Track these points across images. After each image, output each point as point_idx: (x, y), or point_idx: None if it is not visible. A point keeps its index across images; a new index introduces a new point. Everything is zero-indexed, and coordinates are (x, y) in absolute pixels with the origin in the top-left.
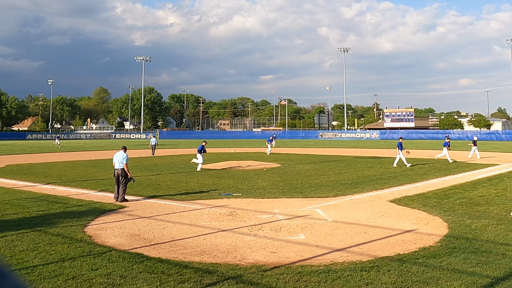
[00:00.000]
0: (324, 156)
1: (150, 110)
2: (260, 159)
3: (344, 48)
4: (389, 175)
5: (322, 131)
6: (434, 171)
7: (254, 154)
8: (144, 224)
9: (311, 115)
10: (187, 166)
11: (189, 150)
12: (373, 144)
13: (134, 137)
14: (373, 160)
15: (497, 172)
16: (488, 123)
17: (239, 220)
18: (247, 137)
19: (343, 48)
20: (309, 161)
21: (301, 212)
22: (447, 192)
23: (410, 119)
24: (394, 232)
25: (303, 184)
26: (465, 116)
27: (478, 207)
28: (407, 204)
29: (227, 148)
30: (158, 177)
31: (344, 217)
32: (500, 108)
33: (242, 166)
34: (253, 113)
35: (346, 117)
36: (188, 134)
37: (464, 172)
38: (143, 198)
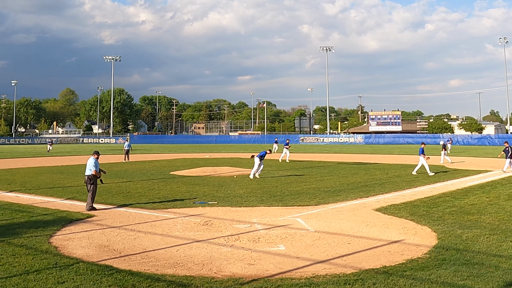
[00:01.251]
0: (305, 162)
1: (120, 113)
2: (237, 165)
3: (327, 47)
4: (375, 182)
5: (303, 135)
6: (422, 178)
7: (231, 159)
8: (114, 234)
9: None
10: (160, 172)
11: (162, 155)
12: (357, 149)
13: (103, 142)
14: (358, 166)
15: (490, 179)
16: (480, 126)
17: (215, 230)
18: (223, 142)
19: (326, 47)
20: (289, 167)
21: (281, 222)
22: (436, 200)
23: (397, 123)
24: (380, 243)
25: (282, 192)
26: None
27: (469, 216)
28: (393, 213)
29: (202, 153)
30: (129, 184)
31: (326, 227)
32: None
33: (218, 173)
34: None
35: (328, 120)
36: (161, 139)
37: (454, 179)
38: (113, 206)
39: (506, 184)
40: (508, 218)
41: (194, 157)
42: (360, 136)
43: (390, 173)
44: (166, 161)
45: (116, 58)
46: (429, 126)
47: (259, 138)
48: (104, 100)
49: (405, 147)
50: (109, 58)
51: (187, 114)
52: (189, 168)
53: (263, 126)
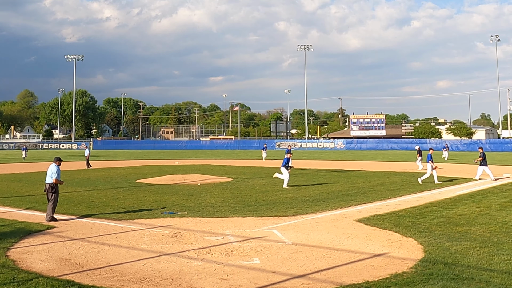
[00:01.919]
0: None
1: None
2: (208, 173)
3: (305, 46)
4: (356, 191)
5: (280, 140)
6: (407, 187)
7: (202, 167)
8: (76, 247)
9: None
10: (125, 180)
11: (127, 162)
12: (338, 155)
13: (64, 148)
14: (338, 174)
15: (480, 188)
16: (469, 131)
17: (185, 243)
18: (194, 148)
19: (304, 45)
20: (265, 175)
21: (256, 233)
22: (423, 210)
23: (380, 127)
24: (362, 256)
25: (257, 201)
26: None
27: (458, 227)
28: (377, 224)
29: (170, 160)
30: (92, 193)
31: (304, 239)
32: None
33: (188, 181)
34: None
35: (307, 124)
36: (126, 144)
37: (442, 187)
38: (75, 217)
39: (498, 193)
40: (499, 230)
41: (162, 164)
42: (341, 142)
43: (373, 181)
44: (132, 168)
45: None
46: (415, 130)
47: (232, 144)
48: (66, 103)
49: (389, 153)
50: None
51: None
52: (157, 175)
53: (237, 130)
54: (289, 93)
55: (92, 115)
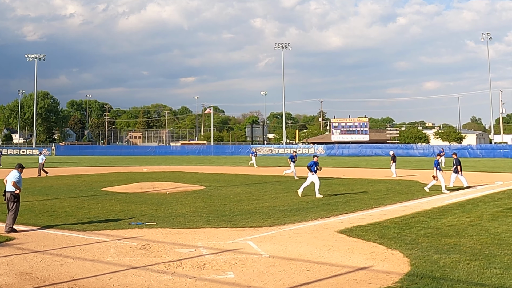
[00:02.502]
0: (258, 176)
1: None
2: (179, 180)
3: (283, 44)
4: (338, 200)
5: (256, 146)
6: (393, 195)
7: (172, 174)
8: (37, 260)
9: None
10: (90, 188)
11: (92, 169)
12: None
13: (25, 153)
14: None
15: (470, 196)
16: (459, 136)
17: (154, 255)
18: (164, 153)
19: (282, 43)
20: (240, 183)
21: (230, 245)
22: (409, 220)
23: (363, 131)
24: (344, 270)
25: (232, 211)
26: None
27: (447, 239)
28: (360, 236)
29: (138, 166)
30: (55, 202)
31: (282, 251)
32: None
33: (157, 189)
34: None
35: (285, 128)
36: (91, 150)
37: (429, 196)
38: (36, 228)
39: (489, 202)
40: (491, 241)
41: (130, 170)
42: (321, 147)
43: (356, 189)
44: (98, 176)
45: (40, 56)
46: (401, 135)
47: (205, 149)
48: (26, 106)
49: (373, 160)
50: (31, 56)
51: (121, 121)
52: (124, 183)
53: (209, 135)
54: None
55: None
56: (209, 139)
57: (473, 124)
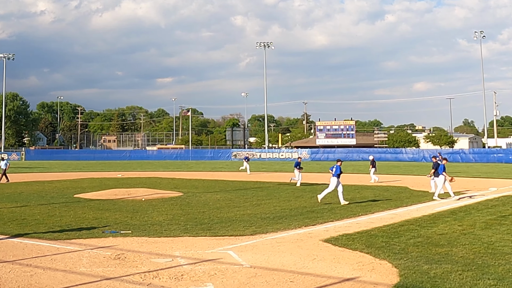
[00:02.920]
0: (239, 182)
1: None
2: (155, 186)
3: (265, 43)
4: (323, 207)
5: (237, 150)
6: (380, 202)
7: (148, 180)
8: (6, 270)
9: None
10: (62, 195)
11: (64, 174)
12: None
13: None
14: (303, 188)
15: (463, 203)
16: (451, 139)
17: (129, 265)
18: (139, 158)
19: (264, 42)
20: (219, 189)
21: (209, 255)
22: (398, 229)
23: (350, 135)
24: (330, 281)
25: (211, 219)
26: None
27: (438, 248)
28: (346, 245)
29: (113, 172)
30: (24, 210)
31: (264, 262)
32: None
33: (132, 195)
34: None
35: (267, 131)
36: (63, 154)
37: (419, 203)
38: (5, 237)
39: (483, 210)
40: (485, 251)
41: (104, 176)
42: (306, 151)
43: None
44: (70, 182)
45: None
46: (389, 138)
47: (183, 154)
48: None
49: (360, 165)
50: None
51: (95, 124)
52: (98, 190)
53: (188, 139)
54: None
55: (24, 122)
56: (187, 143)
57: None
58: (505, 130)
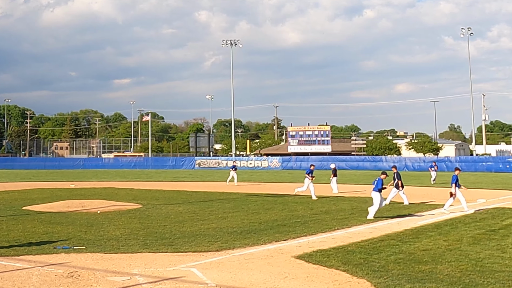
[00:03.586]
0: (203, 193)
1: None
2: (112, 198)
3: (232, 41)
4: (296, 220)
5: (201, 158)
6: (358, 215)
7: (104, 190)
8: None
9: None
10: (9, 207)
11: (11, 184)
12: (272, 176)
13: None
14: (273, 199)
15: (448, 216)
16: (435, 146)
17: (83, 284)
18: (94, 167)
19: (231, 40)
20: (182, 201)
21: (171, 273)
22: (378, 244)
23: (325, 141)
24: None
25: (173, 233)
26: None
27: (421, 265)
28: (320, 262)
29: (65, 182)
30: None
31: (231, 280)
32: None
33: (87, 208)
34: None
35: (234, 138)
36: (10, 162)
37: (401, 216)
38: None
39: (470, 223)
40: (472, 268)
41: (55, 187)
42: (276, 159)
43: (316, 208)
44: (18, 193)
45: None
46: (368, 145)
47: (142, 162)
48: None
49: None
50: None
51: (46, 129)
52: (49, 201)
53: (147, 145)
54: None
55: None
56: (146, 151)
57: (451, 133)
58: (495, 136)
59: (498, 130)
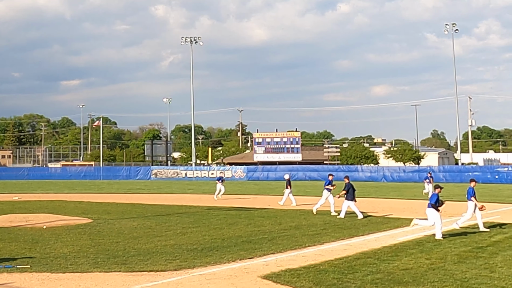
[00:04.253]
0: (160, 206)
1: None
2: (60, 211)
3: (192, 38)
4: (262, 236)
5: (157, 168)
6: (331, 230)
7: (50, 203)
8: None
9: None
10: None
11: None
12: (237, 187)
13: None
14: (237, 213)
15: (431, 232)
16: (416, 155)
17: None
18: (40, 177)
19: (191, 37)
20: (137, 215)
21: None
22: (353, 263)
23: (295, 149)
24: None
25: (127, 251)
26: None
27: (401, 286)
28: (290, 282)
29: (7, 193)
30: None
31: None
32: (435, 131)
33: (32, 222)
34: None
35: (194, 145)
36: None
37: (379, 231)
38: None
39: (455, 240)
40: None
41: None
42: (241, 169)
43: (284, 222)
44: None
45: None
46: (343, 153)
47: (92, 172)
48: None
49: (306, 185)
50: None
51: None
52: None
53: (98, 153)
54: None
55: None
56: (97, 159)
57: (434, 140)
58: (482, 144)
59: (485, 137)
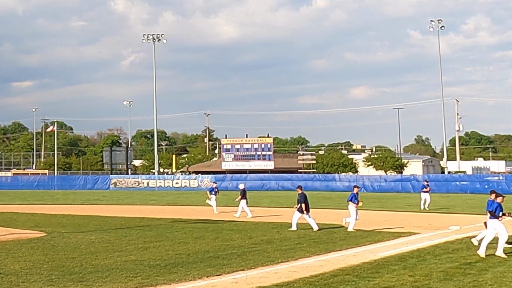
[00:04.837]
0: (120, 219)
1: None
2: (10, 224)
3: (155, 35)
4: (231, 252)
5: (117, 176)
6: (306, 245)
7: (0, 215)
8: None
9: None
10: None
11: None
12: (203, 197)
13: None
14: (204, 226)
15: (415, 246)
16: (399, 162)
17: None
18: None
19: (153, 34)
20: (95, 228)
21: None
22: (330, 280)
23: (266, 156)
24: None
25: (84, 267)
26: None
27: None
28: None
29: None
30: None
31: None
32: (419, 137)
33: None
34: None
35: (157, 152)
36: None
37: (358, 246)
38: None
39: (441, 255)
40: None
41: None
42: (208, 178)
43: (255, 236)
44: None
45: None
46: (318, 161)
47: (46, 181)
48: None
49: (279, 195)
50: None
51: None
52: None
53: (53, 161)
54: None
55: None
56: (52, 167)
57: (418, 147)
58: (471, 150)
59: (474, 143)
